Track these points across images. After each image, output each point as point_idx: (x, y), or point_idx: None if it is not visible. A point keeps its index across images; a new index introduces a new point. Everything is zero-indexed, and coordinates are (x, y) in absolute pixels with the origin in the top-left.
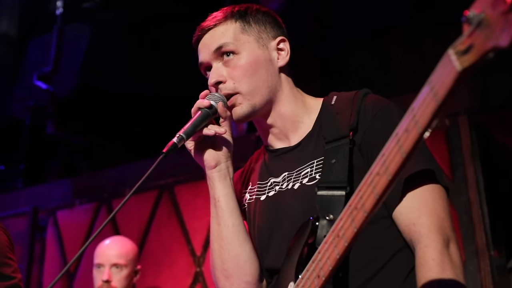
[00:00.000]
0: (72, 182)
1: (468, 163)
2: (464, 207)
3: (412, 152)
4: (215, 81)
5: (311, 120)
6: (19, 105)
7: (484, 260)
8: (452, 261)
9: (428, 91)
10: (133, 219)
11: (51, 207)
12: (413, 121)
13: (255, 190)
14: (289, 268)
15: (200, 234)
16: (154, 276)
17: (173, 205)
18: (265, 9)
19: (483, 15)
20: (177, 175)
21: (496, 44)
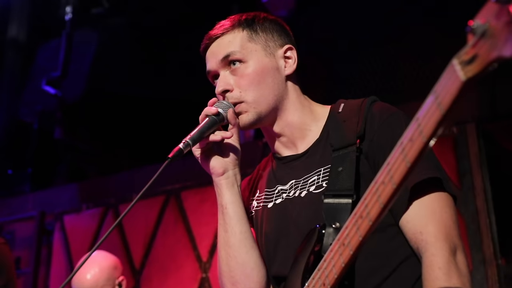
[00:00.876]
0: (79, 187)
1: (476, 171)
2: (472, 215)
3: (417, 161)
4: (222, 89)
5: (319, 127)
6: (27, 110)
7: (491, 268)
8: (459, 270)
9: (432, 101)
10: (139, 224)
11: (58, 212)
12: (418, 130)
13: (263, 197)
14: (295, 276)
15: (207, 240)
16: (160, 281)
17: (180, 210)
18: (272, 17)
19: (487, 26)
20: (184, 181)
21: (500, 54)
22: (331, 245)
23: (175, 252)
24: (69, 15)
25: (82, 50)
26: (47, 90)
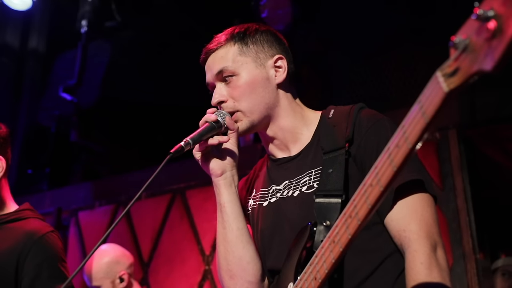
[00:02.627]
0: (93, 185)
1: (457, 173)
2: (453, 214)
3: (403, 165)
4: (217, 101)
5: (310, 132)
6: (45, 114)
7: (470, 262)
8: (439, 265)
9: (417, 110)
10: (148, 220)
11: (73, 208)
12: (404, 137)
13: (259, 196)
14: (288, 270)
15: (209, 235)
16: (167, 273)
17: (185, 208)
18: (264, 28)
19: (468, 41)
20: (189, 181)
21: (480, 68)
22: (322, 242)
23: (181, 246)
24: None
25: (96, 60)
26: (64, 96)
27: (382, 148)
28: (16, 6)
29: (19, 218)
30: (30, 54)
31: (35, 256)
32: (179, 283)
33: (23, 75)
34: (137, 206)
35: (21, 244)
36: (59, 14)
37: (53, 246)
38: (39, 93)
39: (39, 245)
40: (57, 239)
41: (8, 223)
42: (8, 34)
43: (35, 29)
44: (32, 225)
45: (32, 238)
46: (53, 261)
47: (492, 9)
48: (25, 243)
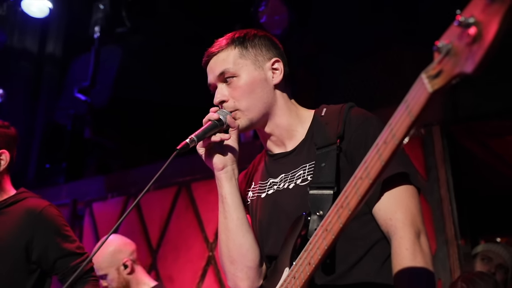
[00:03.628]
0: (105, 179)
1: (440, 166)
2: (436, 203)
3: (390, 159)
4: (219, 100)
5: (304, 129)
6: (62, 114)
7: (452, 248)
8: (422, 250)
9: (404, 109)
10: (156, 211)
11: (88, 200)
12: (391, 134)
13: (257, 189)
14: (285, 256)
15: (213, 224)
16: (174, 259)
17: (190, 199)
18: (262, 33)
19: (451, 45)
20: (194, 174)
21: (461, 70)
22: (316, 230)
23: (186, 234)
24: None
25: (108, 63)
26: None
27: (370, 144)
28: (34, 14)
29: (18, 200)
30: (47, 58)
31: (40, 230)
32: (185, 268)
33: (41, 78)
34: (146, 198)
35: (24, 220)
36: (74, 21)
37: (53, 217)
38: (56, 94)
39: (40, 219)
40: (55, 210)
41: (9, 206)
42: (28, 39)
43: (52, 35)
44: (30, 203)
45: (33, 214)
46: (57, 229)
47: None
48: (28, 218)
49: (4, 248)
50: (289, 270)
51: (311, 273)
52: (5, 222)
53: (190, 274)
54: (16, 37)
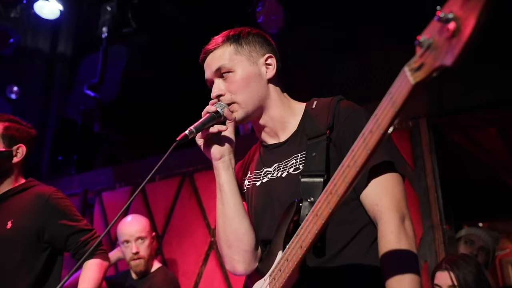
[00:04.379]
0: (114, 170)
1: (426, 156)
2: (423, 191)
3: (376, 148)
4: (216, 94)
5: (296, 121)
6: (73, 109)
7: (438, 232)
8: (407, 234)
9: (388, 100)
10: (161, 199)
11: (97, 189)
12: (376, 124)
13: (252, 177)
14: (278, 240)
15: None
16: (178, 244)
17: (193, 188)
18: (256, 30)
19: (432, 40)
20: (196, 165)
21: (442, 63)
22: (307, 215)
23: (190, 221)
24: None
25: (115, 61)
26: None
27: (358, 134)
28: (46, 15)
29: (28, 187)
30: (59, 57)
31: (49, 212)
32: (189, 253)
33: (53, 76)
34: (152, 187)
35: (34, 204)
36: (83, 22)
37: (61, 200)
38: (67, 91)
39: (49, 203)
40: (61, 194)
41: (20, 192)
42: (40, 40)
43: (63, 35)
44: (39, 189)
45: (42, 198)
46: (65, 210)
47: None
48: (38, 202)
49: (16, 229)
50: (282, 253)
51: (303, 256)
52: (16, 206)
53: (193, 258)
54: (29, 38)
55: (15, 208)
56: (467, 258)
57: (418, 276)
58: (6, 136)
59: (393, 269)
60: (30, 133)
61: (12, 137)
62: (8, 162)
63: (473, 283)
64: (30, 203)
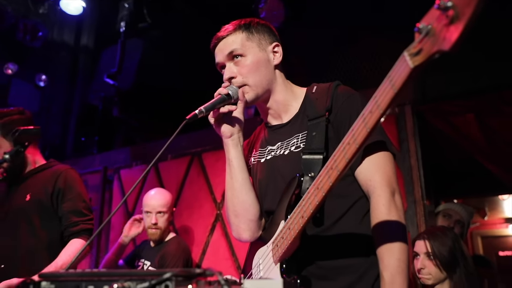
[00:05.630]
0: (131, 150)
1: (411, 139)
2: (407, 170)
3: (374, 127)
4: (228, 76)
5: (298, 104)
6: (94, 96)
7: (419, 207)
8: (396, 206)
9: (387, 83)
10: (173, 176)
11: (116, 167)
12: (376, 105)
13: (257, 154)
14: (280, 211)
15: (220, 187)
16: (188, 216)
17: (201, 167)
18: (263, 22)
19: (430, 27)
20: (204, 146)
21: (440, 48)
22: (308, 188)
23: (198, 196)
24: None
25: (132, 53)
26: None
27: (354, 116)
28: (71, 11)
29: (48, 166)
30: (82, 49)
31: (60, 186)
32: (197, 224)
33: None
34: (165, 166)
35: (50, 179)
36: (103, 17)
37: (72, 178)
38: (89, 79)
39: (62, 178)
40: (75, 173)
41: (40, 171)
42: (65, 33)
43: (86, 29)
44: (56, 167)
45: (57, 174)
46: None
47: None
48: (53, 177)
49: (33, 201)
50: (284, 223)
51: (304, 225)
52: (34, 182)
53: (201, 228)
54: (56, 32)
55: (34, 184)
56: (445, 231)
57: (406, 244)
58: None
59: (384, 238)
60: (24, 118)
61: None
62: (22, 154)
63: (446, 252)
64: (47, 178)
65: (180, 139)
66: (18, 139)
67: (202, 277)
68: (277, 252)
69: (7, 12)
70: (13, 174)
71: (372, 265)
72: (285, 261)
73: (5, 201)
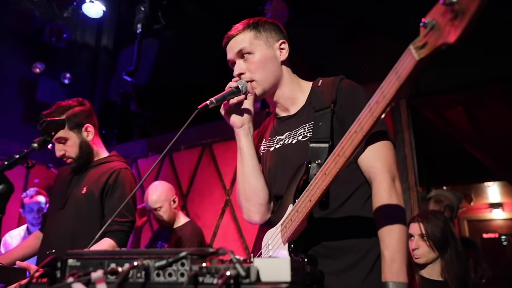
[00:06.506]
0: (147, 141)
1: (405, 130)
2: (401, 159)
3: (380, 117)
4: (238, 73)
5: (304, 96)
6: (113, 92)
7: (413, 193)
8: (396, 191)
9: (394, 74)
10: (186, 165)
11: (134, 157)
12: (382, 95)
13: (267, 144)
14: (289, 195)
15: (229, 175)
16: (199, 202)
17: (212, 156)
18: (271, 20)
19: (435, 21)
20: (214, 137)
21: (444, 41)
22: (316, 174)
23: (209, 183)
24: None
25: (148, 52)
26: (126, 78)
27: (357, 108)
28: (92, 15)
29: (107, 161)
30: (102, 49)
31: (110, 184)
32: (208, 209)
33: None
34: (178, 156)
35: (104, 174)
36: (122, 20)
37: (124, 179)
38: (108, 77)
39: (114, 176)
40: (128, 174)
41: (100, 165)
42: (87, 35)
43: (105, 31)
44: (114, 164)
45: (111, 171)
46: (121, 189)
47: None
48: (107, 173)
49: (87, 194)
50: (292, 206)
51: (311, 208)
52: (93, 176)
53: (212, 213)
54: (78, 34)
55: (91, 177)
56: (437, 214)
57: (405, 226)
58: (72, 124)
59: (385, 220)
60: (85, 109)
61: (76, 123)
62: (86, 144)
63: (439, 234)
64: (102, 173)
65: (191, 131)
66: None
67: (215, 256)
68: (285, 233)
69: (35, 16)
70: (79, 164)
71: (373, 245)
72: (293, 241)
73: (67, 190)
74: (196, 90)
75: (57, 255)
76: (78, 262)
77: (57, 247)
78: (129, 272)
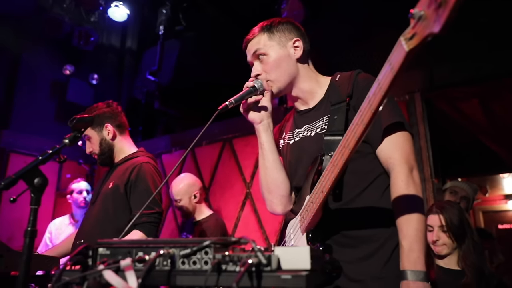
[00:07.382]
0: (171, 137)
1: (420, 123)
2: (417, 151)
3: (378, 108)
4: (255, 74)
5: (323, 91)
6: (138, 91)
7: (429, 184)
8: (414, 182)
9: (387, 66)
10: (207, 160)
11: (158, 152)
12: (379, 87)
13: (287, 137)
14: (306, 186)
15: (249, 169)
16: (221, 194)
17: (232, 151)
18: (285, 19)
19: (423, 12)
20: (234, 132)
21: (430, 31)
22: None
23: (230, 176)
24: (162, 31)
25: (170, 53)
26: (150, 78)
27: None
28: (117, 18)
29: (133, 156)
30: (127, 50)
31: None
32: (229, 201)
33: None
34: (200, 151)
35: (128, 169)
36: (145, 23)
37: (146, 172)
38: (133, 77)
39: (137, 170)
40: (151, 167)
41: (127, 161)
42: (113, 38)
43: (130, 33)
44: (137, 159)
45: (134, 165)
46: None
47: None
48: (130, 168)
49: (113, 188)
50: (309, 197)
51: (324, 199)
52: (119, 171)
53: (233, 205)
54: (105, 37)
55: (118, 172)
56: (452, 203)
57: (423, 215)
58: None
59: (403, 210)
60: (111, 110)
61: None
62: (105, 142)
63: (458, 223)
64: (127, 169)
65: (213, 127)
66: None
67: (237, 245)
68: (303, 223)
69: (65, 21)
70: (102, 160)
71: (392, 235)
72: (311, 231)
73: (100, 186)
74: (215, 88)
75: (88, 244)
76: (108, 250)
77: (86, 239)
78: (155, 260)
